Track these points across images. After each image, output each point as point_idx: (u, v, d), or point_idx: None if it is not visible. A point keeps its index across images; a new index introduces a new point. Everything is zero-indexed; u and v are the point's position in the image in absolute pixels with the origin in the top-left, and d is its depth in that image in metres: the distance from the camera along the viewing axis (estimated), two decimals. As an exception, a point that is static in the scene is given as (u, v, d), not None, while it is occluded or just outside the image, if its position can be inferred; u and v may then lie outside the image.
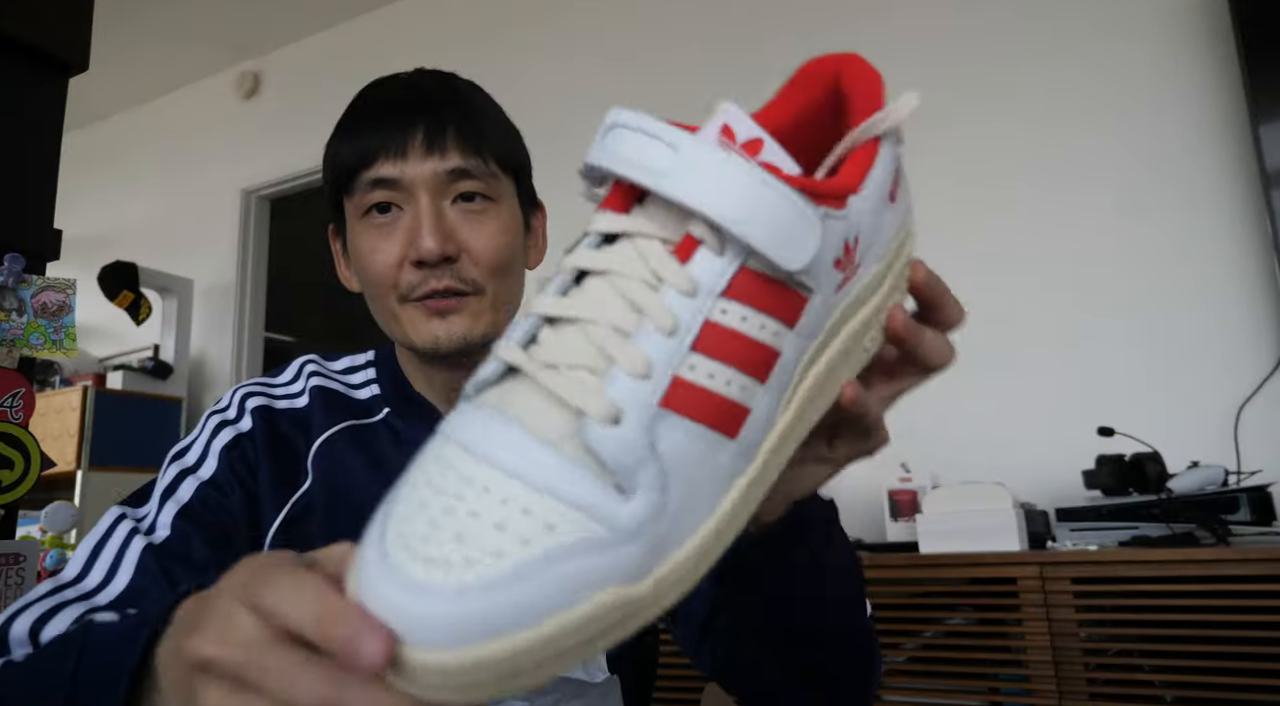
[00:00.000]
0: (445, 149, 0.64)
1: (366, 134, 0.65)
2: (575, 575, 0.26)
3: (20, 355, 1.12)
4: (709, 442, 0.29)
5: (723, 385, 0.30)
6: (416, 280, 0.64)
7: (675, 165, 0.29)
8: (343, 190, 0.67)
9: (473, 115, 0.67)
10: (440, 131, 0.64)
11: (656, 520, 0.28)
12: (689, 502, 0.29)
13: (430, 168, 0.64)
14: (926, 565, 1.58)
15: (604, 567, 0.26)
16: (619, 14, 2.79)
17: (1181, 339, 1.86)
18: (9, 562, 1.05)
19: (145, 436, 2.98)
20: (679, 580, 0.29)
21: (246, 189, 3.49)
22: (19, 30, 1.20)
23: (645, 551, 0.28)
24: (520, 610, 0.25)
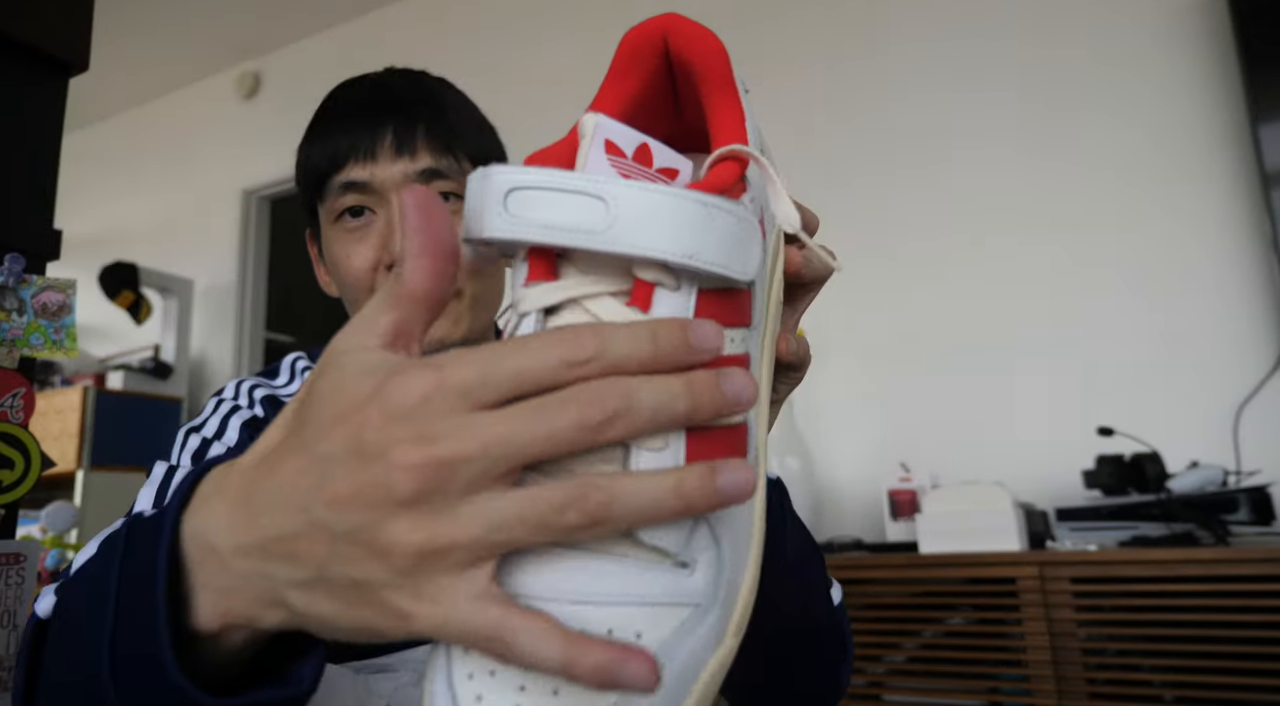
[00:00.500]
0: (415, 150, 0.63)
1: (335, 136, 0.65)
2: (683, 667, 0.25)
3: (20, 355, 1.12)
4: None
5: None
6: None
7: (611, 219, 0.26)
8: (315, 195, 0.67)
9: (443, 114, 0.66)
10: (410, 132, 0.63)
11: (720, 573, 0.28)
12: (736, 540, 0.29)
13: (400, 169, 0.63)
14: (926, 565, 1.58)
15: (699, 643, 0.26)
16: (619, 13, 2.79)
17: (1181, 339, 1.86)
18: (9, 562, 1.05)
19: (145, 436, 2.98)
20: (747, 610, 0.29)
21: (246, 189, 3.49)
22: (19, 30, 1.20)
23: (722, 606, 0.28)
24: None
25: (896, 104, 2.27)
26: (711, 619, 0.27)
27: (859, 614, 1.65)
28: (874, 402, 2.17)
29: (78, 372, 3.41)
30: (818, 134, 2.37)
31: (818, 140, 2.37)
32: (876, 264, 2.23)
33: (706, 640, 0.27)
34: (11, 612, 1.05)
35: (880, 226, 2.24)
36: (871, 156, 2.29)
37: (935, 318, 2.13)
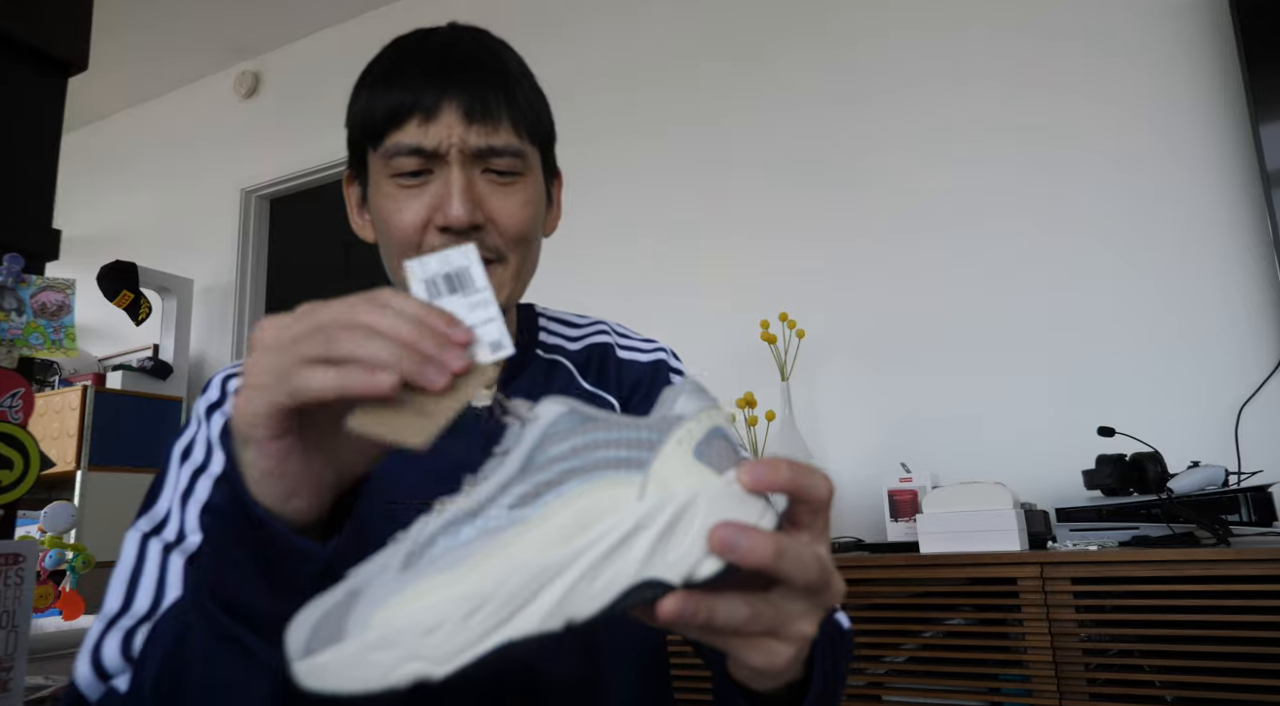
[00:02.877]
0: (481, 120, 0.63)
1: (400, 91, 0.63)
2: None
3: (20, 355, 1.12)
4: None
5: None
6: (440, 244, 0.63)
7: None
8: (369, 144, 0.66)
9: (509, 84, 0.65)
10: (476, 100, 0.63)
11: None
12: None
13: (464, 138, 0.63)
14: (926, 565, 1.58)
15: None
16: (621, 12, 2.79)
17: (1182, 339, 1.86)
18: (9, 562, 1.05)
19: (145, 436, 2.98)
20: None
21: (246, 189, 3.49)
22: (19, 30, 1.20)
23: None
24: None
25: (897, 102, 2.27)
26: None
27: (859, 614, 1.65)
28: (874, 403, 2.17)
29: (77, 372, 3.41)
30: (816, 131, 2.37)
31: (817, 138, 2.37)
32: (876, 263, 2.23)
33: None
34: (10, 612, 1.05)
35: (880, 226, 2.24)
36: (872, 155, 2.29)
37: (935, 317, 2.13)
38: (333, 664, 0.32)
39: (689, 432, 0.36)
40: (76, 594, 1.73)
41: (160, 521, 0.61)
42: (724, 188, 2.49)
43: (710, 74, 2.58)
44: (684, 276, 2.48)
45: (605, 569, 0.33)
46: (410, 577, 0.33)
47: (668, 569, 0.34)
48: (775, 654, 0.37)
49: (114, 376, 3.13)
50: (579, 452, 0.35)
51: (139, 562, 0.59)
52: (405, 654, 0.32)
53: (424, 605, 0.32)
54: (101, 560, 1.82)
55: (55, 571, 1.80)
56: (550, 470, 0.35)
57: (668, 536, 0.34)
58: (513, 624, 0.33)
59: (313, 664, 0.32)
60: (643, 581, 0.34)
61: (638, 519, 0.34)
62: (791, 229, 2.36)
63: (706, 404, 0.38)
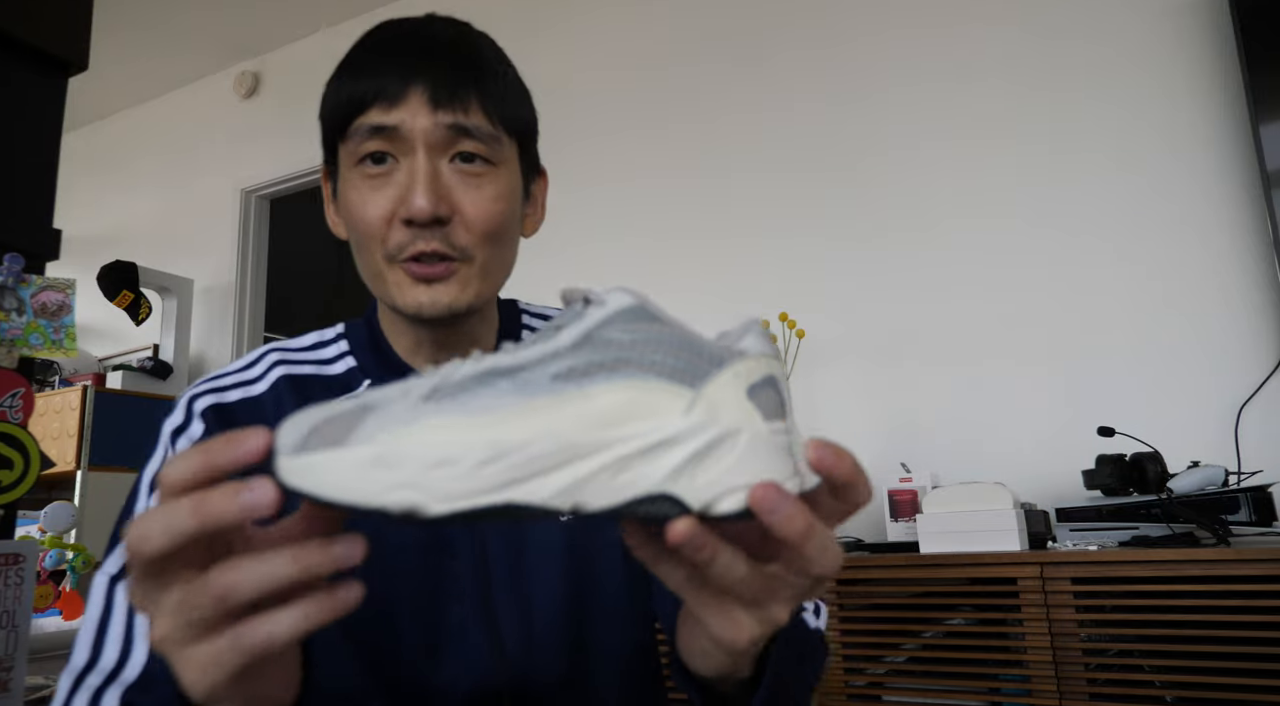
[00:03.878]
0: (448, 102, 0.59)
1: (366, 77, 0.61)
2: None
3: (20, 355, 1.12)
4: None
5: None
6: (405, 240, 0.60)
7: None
8: (337, 133, 0.63)
9: (482, 70, 0.62)
10: (445, 83, 0.60)
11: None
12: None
13: (431, 121, 0.59)
14: (926, 565, 1.58)
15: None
16: (620, 11, 2.79)
17: (1182, 339, 1.86)
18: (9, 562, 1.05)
19: (145, 436, 2.96)
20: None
21: (246, 189, 3.49)
22: (19, 30, 1.20)
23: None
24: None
25: (897, 102, 2.27)
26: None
27: (859, 614, 1.65)
28: (874, 403, 2.17)
29: (77, 372, 3.41)
30: (816, 131, 2.37)
31: (816, 137, 2.37)
32: (876, 263, 2.23)
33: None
34: (11, 612, 1.05)
35: (880, 225, 2.24)
36: (872, 154, 2.29)
37: (935, 317, 2.13)
38: (326, 466, 0.30)
39: (748, 369, 0.36)
40: (76, 594, 1.73)
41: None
42: (723, 187, 2.49)
43: (710, 73, 2.58)
44: (683, 276, 2.48)
45: (631, 468, 0.33)
46: (431, 409, 0.32)
47: (692, 491, 0.33)
48: (742, 628, 0.37)
49: (114, 376, 3.13)
50: (638, 347, 0.34)
51: (106, 611, 0.57)
52: (405, 479, 0.30)
53: (440, 439, 0.31)
54: (101, 560, 1.82)
55: (55, 571, 1.80)
56: (604, 354, 0.34)
57: (701, 459, 0.33)
58: (524, 487, 0.31)
59: (304, 461, 0.30)
60: (662, 494, 0.33)
61: (678, 431, 0.33)
62: (791, 229, 2.36)
63: (770, 351, 0.37)
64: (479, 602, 0.62)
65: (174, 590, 0.32)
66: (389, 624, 0.60)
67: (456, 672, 0.60)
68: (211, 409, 0.65)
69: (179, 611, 0.32)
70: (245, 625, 0.32)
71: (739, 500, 0.33)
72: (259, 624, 0.32)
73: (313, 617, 0.33)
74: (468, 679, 0.60)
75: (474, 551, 0.63)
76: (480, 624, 0.61)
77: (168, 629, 0.33)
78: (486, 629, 0.61)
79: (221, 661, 0.32)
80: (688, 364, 0.34)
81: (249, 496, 0.31)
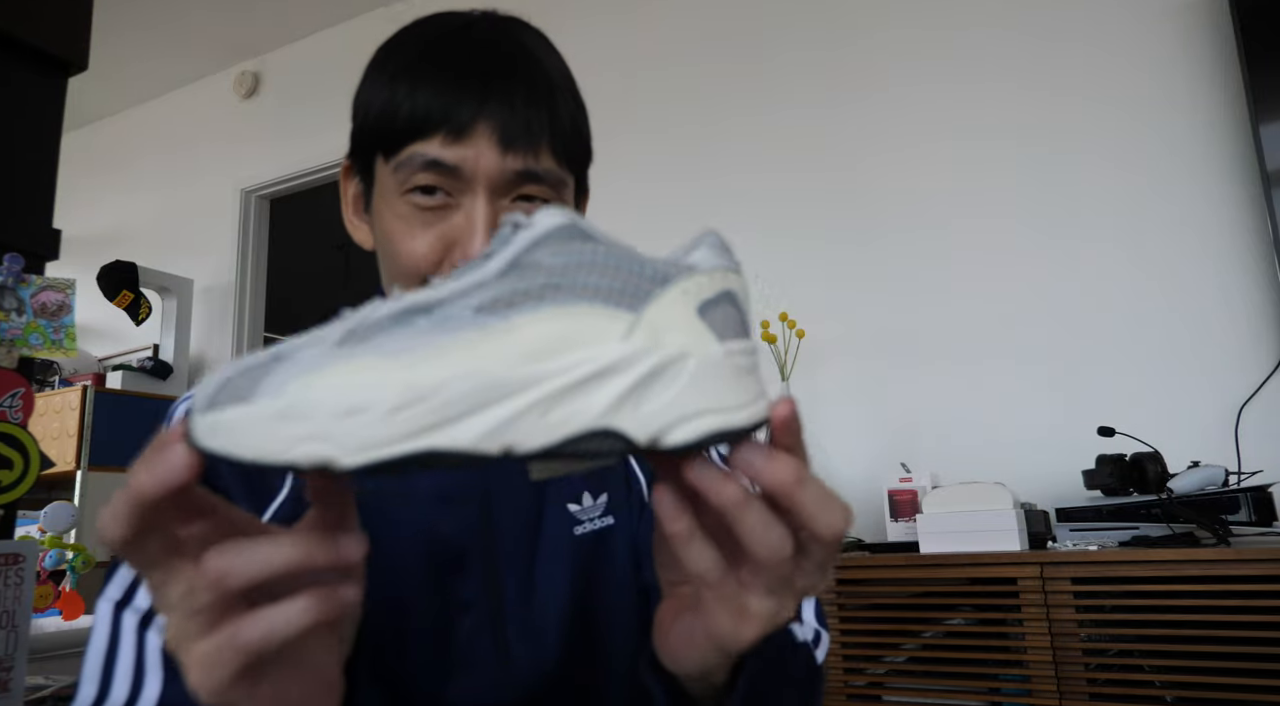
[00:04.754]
0: (521, 145, 0.54)
1: (426, 93, 0.54)
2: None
3: (20, 355, 1.12)
4: None
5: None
6: None
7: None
8: (380, 144, 0.57)
9: (555, 100, 0.56)
10: (516, 120, 0.54)
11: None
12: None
13: (498, 164, 0.53)
14: (926, 565, 1.58)
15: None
16: (620, 11, 2.79)
17: (1182, 339, 1.86)
18: (8, 562, 1.05)
19: (145, 436, 2.95)
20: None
21: (246, 189, 3.49)
22: (19, 30, 1.20)
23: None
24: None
25: (896, 102, 2.27)
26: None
27: (859, 614, 1.65)
28: (874, 403, 2.17)
29: (77, 372, 3.41)
30: (816, 131, 2.37)
31: (817, 138, 2.37)
32: (876, 263, 2.23)
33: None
34: (10, 612, 1.05)
35: (880, 225, 2.24)
36: (872, 155, 2.29)
37: (935, 317, 2.13)
38: (233, 424, 0.28)
39: (698, 286, 0.32)
40: (76, 594, 1.73)
41: (131, 584, 0.55)
42: (723, 187, 2.49)
43: (710, 73, 2.58)
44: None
45: (565, 402, 0.30)
46: (344, 353, 0.30)
47: (636, 423, 0.30)
48: (749, 621, 0.35)
49: (114, 376, 3.13)
50: (569, 271, 0.31)
51: (113, 642, 0.54)
52: (313, 431, 0.28)
53: (348, 383, 0.29)
54: (101, 560, 1.82)
55: (55, 571, 1.80)
56: (531, 280, 0.31)
57: (645, 387, 0.30)
58: (444, 432, 0.29)
59: (213, 420, 0.29)
60: (602, 428, 0.30)
61: (615, 358, 0.30)
62: (791, 229, 2.36)
63: (727, 264, 0.33)
64: (489, 617, 0.61)
65: (179, 582, 0.32)
66: (399, 640, 0.59)
67: (466, 688, 0.59)
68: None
69: (184, 603, 0.32)
70: (244, 619, 0.31)
71: (692, 430, 0.30)
72: (257, 618, 0.31)
73: (311, 612, 0.32)
74: (477, 694, 0.59)
75: (485, 565, 0.62)
76: (490, 639, 0.61)
77: (176, 624, 0.32)
78: (496, 644, 0.61)
79: (222, 659, 0.31)
80: (625, 284, 0.31)
81: (162, 465, 0.30)
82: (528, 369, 0.30)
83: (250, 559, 0.31)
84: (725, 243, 0.35)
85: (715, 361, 0.31)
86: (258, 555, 0.31)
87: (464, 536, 0.61)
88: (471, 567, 0.61)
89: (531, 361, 0.30)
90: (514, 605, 0.61)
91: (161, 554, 0.32)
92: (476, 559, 0.62)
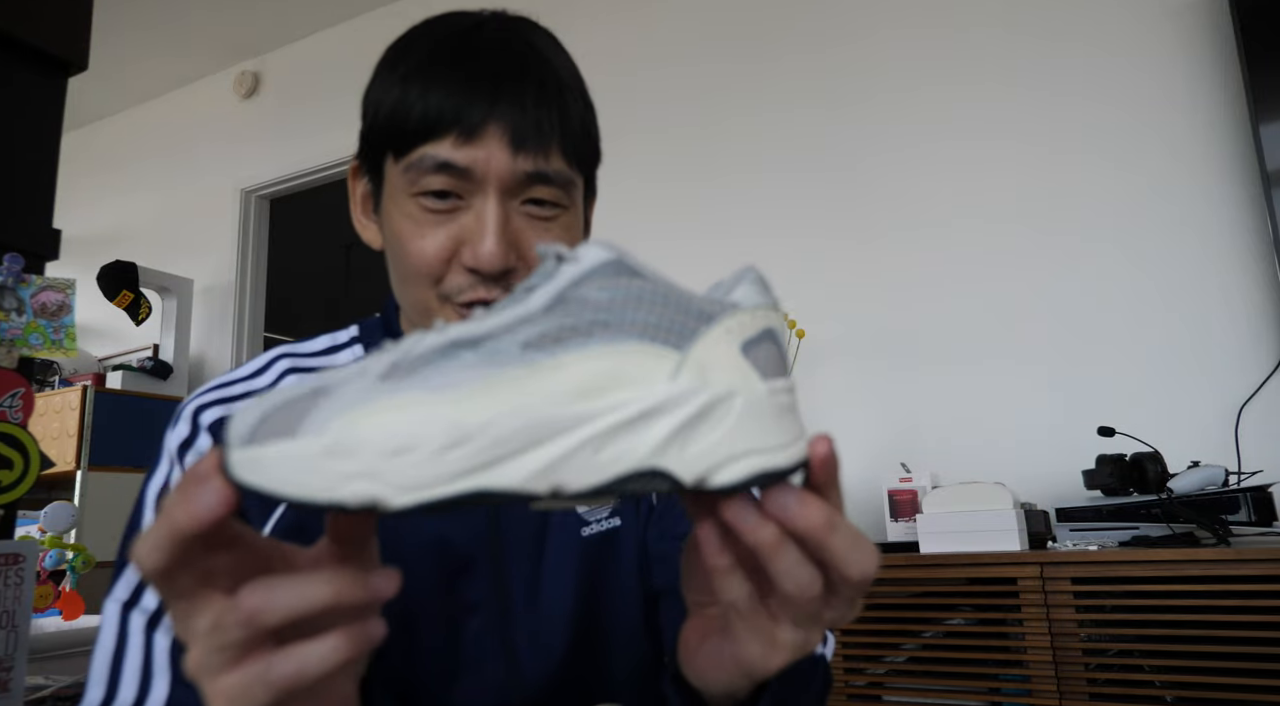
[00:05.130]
0: (531, 146, 0.54)
1: (438, 94, 0.54)
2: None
3: (20, 355, 1.12)
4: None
5: None
6: (464, 284, 0.55)
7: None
8: (390, 144, 0.56)
9: (565, 101, 0.57)
10: (527, 121, 0.54)
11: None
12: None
13: (509, 165, 0.54)
14: (926, 565, 1.58)
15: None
16: (620, 11, 2.79)
17: (1182, 339, 1.86)
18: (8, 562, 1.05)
19: (145, 436, 2.98)
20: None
21: (246, 189, 3.49)
22: (19, 30, 1.20)
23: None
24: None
25: (897, 102, 2.27)
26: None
27: (859, 614, 1.64)
28: (874, 403, 2.17)
29: (77, 372, 3.41)
30: (816, 131, 2.37)
31: (817, 138, 2.37)
32: (876, 263, 2.23)
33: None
34: (10, 612, 1.05)
35: (880, 225, 2.24)
36: (872, 155, 2.29)
37: (935, 317, 2.13)
38: (276, 460, 0.28)
39: (741, 324, 0.32)
40: (76, 594, 1.73)
41: (138, 584, 0.56)
42: (723, 188, 2.49)
43: (710, 74, 2.58)
44: (683, 277, 2.46)
45: (615, 441, 0.30)
46: (389, 388, 0.29)
47: (683, 463, 0.30)
48: (777, 650, 0.35)
49: (114, 376, 3.13)
50: (616, 307, 0.31)
51: (120, 643, 0.54)
52: (362, 469, 0.28)
53: (398, 420, 0.28)
54: (102, 560, 1.82)
55: (55, 571, 1.80)
56: (579, 316, 0.31)
57: (693, 427, 0.30)
58: (495, 471, 0.28)
59: (253, 454, 0.28)
60: (651, 469, 0.30)
61: (664, 398, 0.30)
62: (791, 229, 2.36)
63: (767, 301, 0.34)
64: (497, 618, 0.61)
65: (206, 613, 0.31)
66: (406, 644, 0.59)
67: (474, 691, 0.59)
68: (219, 422, 0.62)
69: (211, 636, 0.31)
70: (275, 656, 0.31)
71: (738, 471, 0.30)
72: (289, 655, 0.31)
73: (343, 651, 0.31)
74: (484, 699, 0.59)
75: (492, 567, 0.61)
76: (498, 640, 0.60)
77: (200, 655, 0.32)
78: (503, 645, 0.61)
79: (251, 695, 0.31)
80: (673, 322, 0.31)
81: (199, 500, 0.29)
82: (577, 407, 0.30)
83: (286, 597, 0.31)
84: (765, 279, 0.35)
85: (760, 401, 0.31)
86: (293, 593, 0.31)
87: (471, 540, 0.61)
88: (479, 569, 0.61)
89: (580, 400, 0.30)
90: (521, 606, 0.61)
91: (192, 585, 0.31)
92: (484, 561, 0.61)
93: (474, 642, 0.60)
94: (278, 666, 0.31)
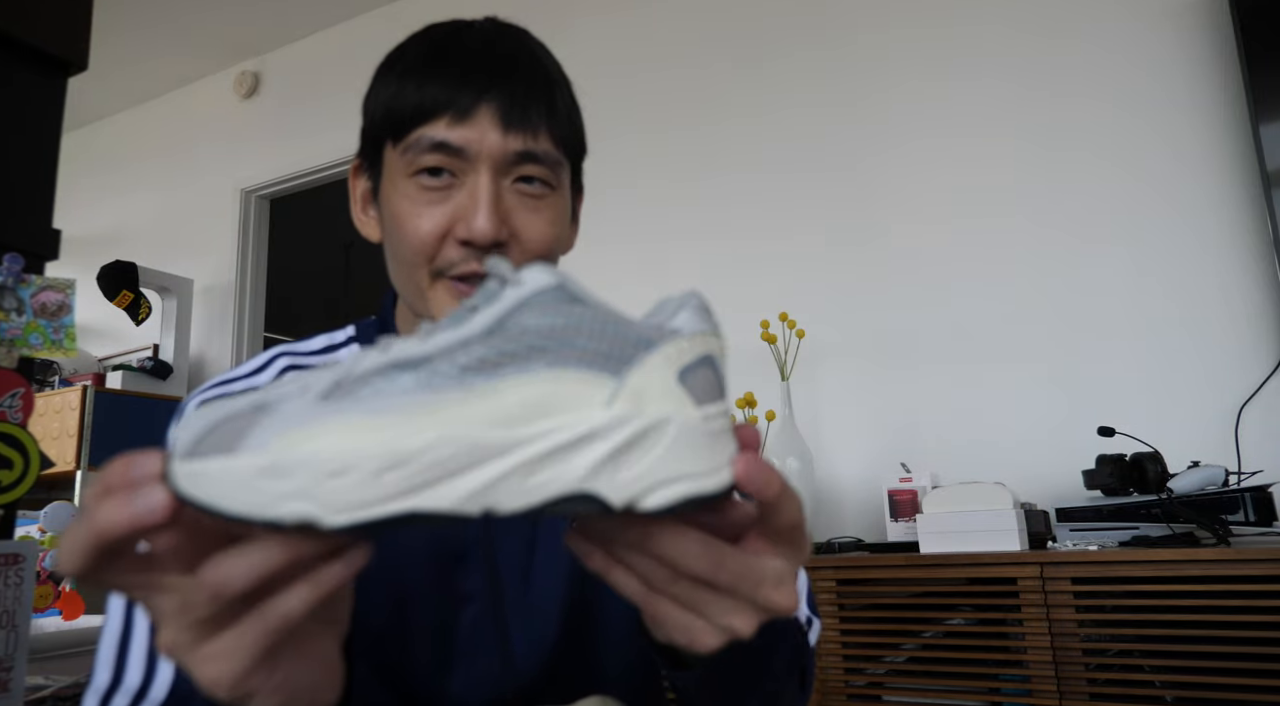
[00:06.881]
0: (518, 126, 0.58)
1: (433, 84, 0.58)
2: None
3: (19, 355, 1.12)
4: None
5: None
6: (457, 258, 0.58)
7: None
8: (389, 135, 0.60)
9: (551, 92, 0.61)
10: (516, 105, 0.58)
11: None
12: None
13: (500, 143, 0.57)
14: (926, 565, 1.58)
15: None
16: (620, 11, 2.79)
17: (1182, 339, 1.86)
18: (8, 563, 1.05)
19: (145, 436, 2.98)
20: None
21: (246, 189, 3.49)
22: (19, 30, 1.20)
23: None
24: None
25: (897, 102, 2.27)
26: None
27: (859, 614, 1.65)
28: (874, 403, 2.17)
29: (77, 372, 3.41)
30: (816, 131, 2.37)
31: (817, 138, 2.37)
32: (876, 263, 2.23)
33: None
34: (10, 612, 1.05)
35: (880, 225, 2.24)
36: (872, 155, 2.29)
37: (935, 317, 2.13)
38: (215, 476, 0.29)
39: (679, 351, 0.33)
40: (76, 594, 1.73)
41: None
42: (723, 187, 2.49)
43: (710, 74, 2.58)
44: (683, 277, 2.48)
45: (546, 467, 0.30)
46: (329, 410, 0.30)
47: (613, 488, 0.31)
48: (701, 635, 0.36)
49: (114, 376, 3.13)
50: (556, 334, 0.32)
51: (126, 627, 0.55)
52: (297, 490, 0.28)
53: (335, 443, 0.29)
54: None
55: (55, 571, 1.80)
56: (517, 342, 0.31)
57: (624, 453, 0.31)
58: (427, 494, 0.29)
59: (196, 469, 0.29)
60: (580, 493, 0.31)
61: (597, 425, 0.31)
62: (791, 229, 2.36)
63: (707, 328, 0.34)
64: (490, 612, 0.61)
65: (170, 594, 0.31)
66: (401, 635, 0.60)
67: (469, 680, 0.60)
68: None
69: (181, 615, 0.32)
70: (249, 617, 0.32)
71: (666, 496, 0.31)
72: (261, 613, 0.31)
73: (324, 584, 0.32)
74: (479, 689, 0.60)
75: (485, 560, 0.62)
76: (492, 628, 0.61)
77: (174, 634, 0.32)
78: (498, 633, 0.61)
79: (234, 659, 0.32)
80: (610, 349, 0.32)
81: (138, 505, 0.29)
82: (510, 433, 0.30)
83: (247, 564, 0.31)
84: (707, 304, 0.36)
85: (693, 427, 0.32)
86: (254, 559, 0.31)
87: (465, 531, 0.62)
88: (473, 560, 0.62)
89: (514, 425, 0.31)
90: (515, 594, 0.62)
91: (132, 576, 0.31)
92: (477, 551, 0.62)
93: (468, 632, 0.61)
94: (252, 626, 0.31)
